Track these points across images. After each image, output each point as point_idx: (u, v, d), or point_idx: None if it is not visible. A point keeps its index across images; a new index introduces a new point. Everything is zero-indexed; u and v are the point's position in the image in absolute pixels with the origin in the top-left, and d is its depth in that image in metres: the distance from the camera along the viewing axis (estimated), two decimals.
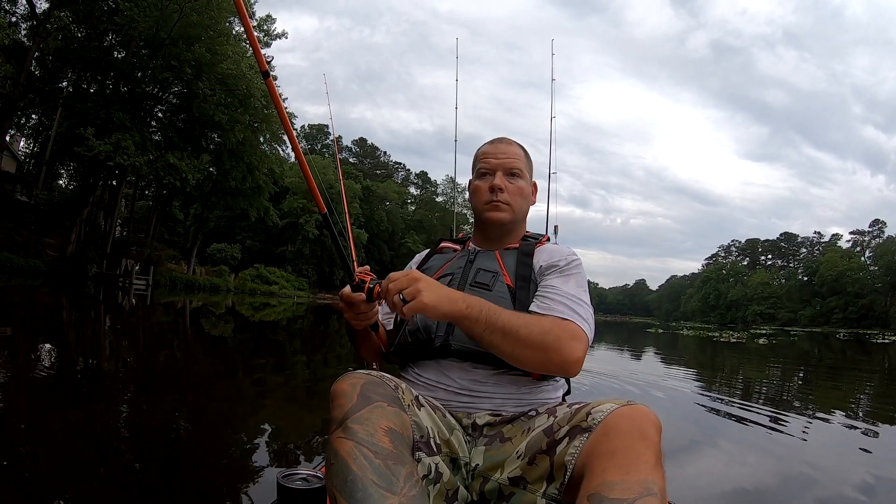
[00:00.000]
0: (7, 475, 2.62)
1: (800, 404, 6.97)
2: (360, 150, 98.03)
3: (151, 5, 29.51)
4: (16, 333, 8.05)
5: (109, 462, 3.02)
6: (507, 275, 1.68)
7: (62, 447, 3.10)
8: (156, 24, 30.46)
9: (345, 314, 1.54)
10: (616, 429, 1.13)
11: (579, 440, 1.17)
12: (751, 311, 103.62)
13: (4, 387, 4.59)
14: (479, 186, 1.79)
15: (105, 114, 30.48)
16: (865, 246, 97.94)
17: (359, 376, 1.25)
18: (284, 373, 7.27)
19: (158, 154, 32.52)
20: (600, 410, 1.18)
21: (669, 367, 11.41)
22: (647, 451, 1.08)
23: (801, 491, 3.31)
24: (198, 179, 34.98)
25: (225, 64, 32.08)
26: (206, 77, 32.43)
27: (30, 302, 14.08)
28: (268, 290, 50.81)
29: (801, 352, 20.82)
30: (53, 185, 44.03)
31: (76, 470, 2.79)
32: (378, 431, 1.12)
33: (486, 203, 1.77)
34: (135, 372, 6.06)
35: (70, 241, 33.51)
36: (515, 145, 1.83)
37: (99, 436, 3.46)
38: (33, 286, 20.62)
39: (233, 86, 33.25)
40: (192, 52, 31.27)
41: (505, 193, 1.75)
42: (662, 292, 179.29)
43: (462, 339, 1.53)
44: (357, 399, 1.17)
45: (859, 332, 52.99)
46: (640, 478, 1.03)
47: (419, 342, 1.61)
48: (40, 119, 41.22)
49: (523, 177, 1.79)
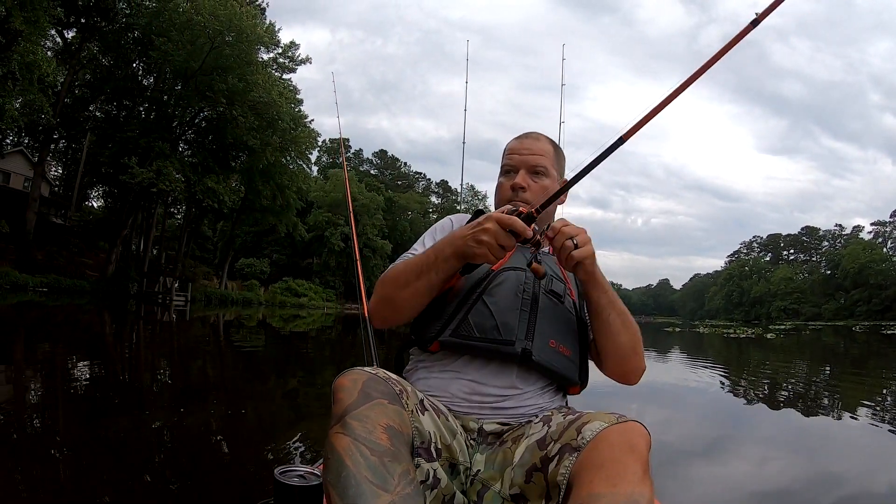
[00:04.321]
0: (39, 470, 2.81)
1: (781, 394, 7.85)
2: (381, 162, 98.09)
3: (185, 40, 31.41)
4: (82, 348, 8.79)
5: (109, 457, 3.13)
6: (572, 289, 1.61)
7: (77, 446, 3.31)
8: (188, 56, 32.17)
9: (483, 237, 1.30)
10: (605, 441, 1.13)
11: (569, 460, 1.16)
12: (774, 307, 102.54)
13: (81, 392, 5.06)
14: (502, 184, 1.70)
15: (146, 142, 32.28)
16: (887, 237, 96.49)
17: (361, 373, 1.22)
18: (314, 377, 7.48)
19: (196, 178, 34.27)
20: (590, 429, 1.17)
21: (667, 362, 12.49)
22: (634, 463, 1.08)
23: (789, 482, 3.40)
24: (234, 201, 36.75)
25: (256, 92, 33.69)
26: (238, 104, 33.93)
27: (86, 320, 15.31)
28: (297, 302, 51.99)
29: (804, 344, 21.67)
30: (84, 206, 45.64)
31: (82, 467, 2.93)
32: (377, 429, 1.11)
33: (507, 202, 1.62)
34: (172, 381, 6.43)
35: (111, 261, 35.23)
36: (543, 140, 1.72)
37: (112, 436, 3.60)
38: (79, 304, 21.79)
39: (263, 112, 34.76)
40: (226, 83, 32.93)
41: (527, 193, 1.63)
42: (686, 291, 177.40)
43: (541, 349, 1.44)
44: (358, 395, 1.16)
45: (878, 324, 52.58)
46: (628, 490, 1.04)
47: (490, 340, 1.44)
48: (69, 144, 42.63)
49: (549, 175, 1.66)
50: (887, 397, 7.55)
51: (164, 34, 31.28)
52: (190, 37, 31.41)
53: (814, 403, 6.75)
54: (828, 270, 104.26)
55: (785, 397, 7.25)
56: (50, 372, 5.97)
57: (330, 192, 62.72)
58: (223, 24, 31.31)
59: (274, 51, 37.68)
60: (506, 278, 1.52)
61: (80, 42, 32.27)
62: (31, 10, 23.02)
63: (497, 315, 1.45)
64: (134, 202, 36.35)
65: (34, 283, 28.39)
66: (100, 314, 17.68)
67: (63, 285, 30.44)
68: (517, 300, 1.48)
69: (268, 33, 35.24)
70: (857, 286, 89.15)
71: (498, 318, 1.45)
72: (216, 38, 31.78)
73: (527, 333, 1.44)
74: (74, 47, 32.45)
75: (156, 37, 31.35)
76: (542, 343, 1.45)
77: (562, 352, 1.48)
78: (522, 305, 1.47)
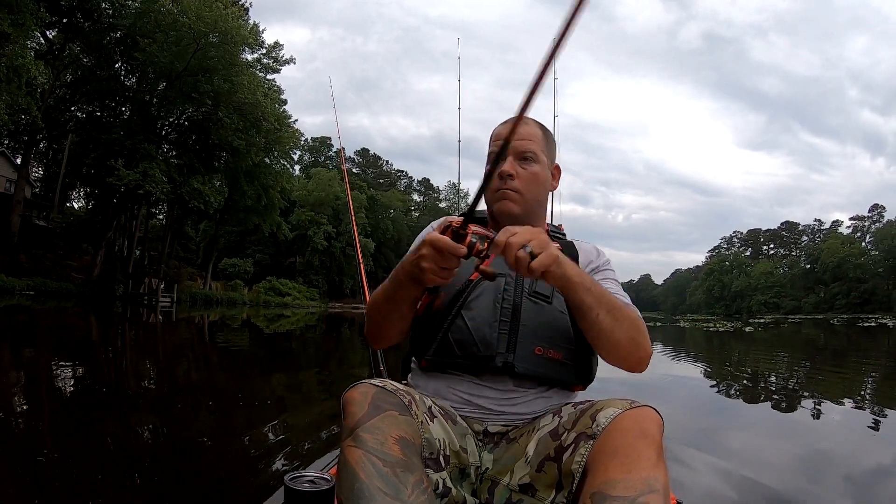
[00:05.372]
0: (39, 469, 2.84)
1: (741, 381, 8.33)
2: (363, 161, 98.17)
3: (170, 42, 31.39)
4: (74, 352, 8.64)
5: (119, 463, 3.08)
6: None
7: (79, 450, 3.25)
8: (173, 58, 32.15)
9: (422, 263, 1.23)
10: (618, 429, 1.13)
11: (584, 448, 1.16)
12: (755, 301, 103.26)
13: (68, 393, 5.16)
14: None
15: (131, 144, 32.28)
16: (866, 231, 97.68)
17: (370, 386, 1.22)
18: (297, 377, 7.39)
19: (182, 180, 34.30)
20: (605, 416, 1.17)
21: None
22: (648, 448, 1.08)
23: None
24: (219, 202, 36.83)
25: (241, 93, 33.74)
26: (223, 105, 33.97)
27: (72, 323, 15.22)
28: (281, 301, 51.90)
29: (782, 336, 22.22)
30: (65, 208, 45.31)
31: (89, 472, 2.88)
32: (388, 440, 1.10)
33: (495, 192, 1.55)
34: (161, 381, 6.41)
35: (96, 263, 35.11)
36: (532, 124, 1.59)
37: (113, 438, 3.60)
38: (65, 308, 21.64)
39: (248, 113, 34.82)
40: (211, 84, 32.97)
41: (516, 180, 1.53)
42: (668, 286, 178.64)
43: (525, 360, 1.40)
44: (368, 408, 1.15)
45: (856, 317, 53.55)
46: (643, 475, 1.04)
47: (471, 357, 1.41)
48: (49, 145, 42.28)
49: (539, 160, 1.55)
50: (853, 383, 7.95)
51: (148, 35, 31.31)
52: (175, 38, 31.39)
53: (780, 389, 7.20)
54: (807, 265, 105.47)
55: (751, 381, 7.68)
56: (44, 377, 6.00)
57: (313, 191, 62.79)
58: (208, 26, 31.28)
59: (258, 51, 37.77)
60: (483, 289, 1.46)
61: (62, 42, 32.14)
62: (19, 12, 22.95)
63: (474, 331, 1.41)
64: (119, 204, 36.26)
65: (20, 287, 28.28)
66: (86, 318, 17.63)
67: (50, 288, 30.34)
68: (496, 311, 1.43)
69: (252, 34, 35.33)
70: (837, 280, 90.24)
71: (475, 333, 1.41)
72: (201, 40, 31.75)
73: (508, 345, 1.40)
74: (57, 48, 32.29)
75: (140, 38, 31.35)
76: (526, 353, 1.41)
77: (551, 356, 1.43)
78: (502, 315, 1.43)
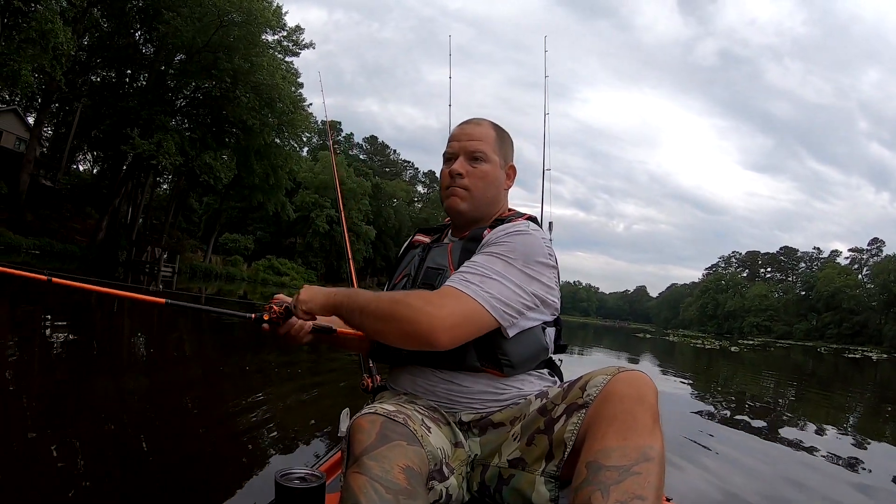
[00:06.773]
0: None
1: (721, 400, 8.86)
2: (370, 148, 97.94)
3: (194, 17, 31.66)
4: (68, 316, 8.83)
5: (107, 462, 3.00)
6: (454, 269, 1.54)
7: (64, 444, 3.13)
8: (195, 33, 32.34)
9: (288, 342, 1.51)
10: (614, 394, 1.15)
11: (577, 416, 1.19)
12: (747, 322, 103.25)
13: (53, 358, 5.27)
14: (443, 172, 1.67)
15: (147, 114, 32.51)
16: (863, 263, 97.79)
17: (377, 416, 1.23)
18: (288, 369, 7.00)
19: (195, 153, 34.60)
20: (595, 384, 1.20)
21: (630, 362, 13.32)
22: (644, 414, 1.10)
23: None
24: (228, 178, 37.09)
25: (260, 73, 34.06)
26: (241, 84, 34.29)
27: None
28: (279, 280, 51.45)
29: (766, 359, 22.78)
30: (72, 170, 45.34)
31: (74, 468, 2.83)
32: (394, 469, 1.11)
33: (446, 189, 1.64)
34: (151, 368, 6.14)
35: (101, 228, 35.38)
36: (484, 126, 1.67)
37: (100, 432, 3.46)
38: (70, 270, 21.30)
39: (265, 94, 35.05)
40: (231, 62, 33.22)
41: (465, 179, 1.60)
42: (662, 300, 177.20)
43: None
44: (376, 437, 1.17)
45: (843, 348, 53.88)
46: (639, 443, 1.06)
47: (390, 348, 1.48)
48: (61, 106, 41.77)
49: (489, 160, 1.61)
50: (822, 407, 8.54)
51: (173, 9, 31.43)
52: (200, 13, 31.65)
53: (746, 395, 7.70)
54: (802, 291, 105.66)
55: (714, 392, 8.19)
56: (37, 351, 5.87)
57: (319, 173, 62.81)
58: (233, 4, 31.58)
59: (279, 33, 37.65)
60: (397, 287, 1.67)
61: (85, 6, 32.28)
62: None
63: None
64: (129, 171, 36.48)
65: (27, 245, 28.53)
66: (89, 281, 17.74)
67: (55, 249, 30.62)
68: None
69: (275, 16, 35.44)
70: (830, 309, 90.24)
71: None
72: (224, 17, 31.98)
73: None
74: (78, 12, 32.28)
75: (165, 10, 31.52)
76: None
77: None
78: None
